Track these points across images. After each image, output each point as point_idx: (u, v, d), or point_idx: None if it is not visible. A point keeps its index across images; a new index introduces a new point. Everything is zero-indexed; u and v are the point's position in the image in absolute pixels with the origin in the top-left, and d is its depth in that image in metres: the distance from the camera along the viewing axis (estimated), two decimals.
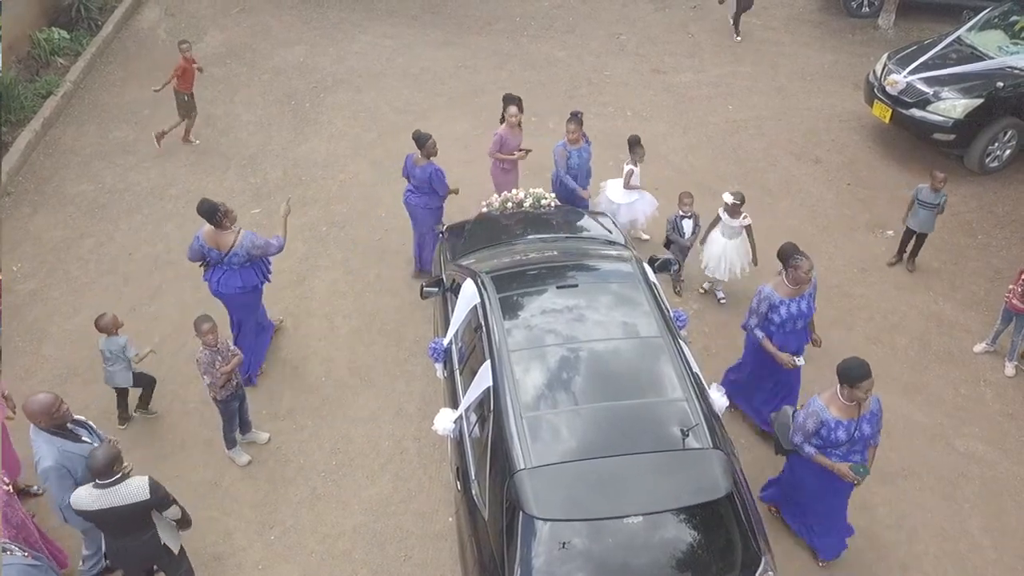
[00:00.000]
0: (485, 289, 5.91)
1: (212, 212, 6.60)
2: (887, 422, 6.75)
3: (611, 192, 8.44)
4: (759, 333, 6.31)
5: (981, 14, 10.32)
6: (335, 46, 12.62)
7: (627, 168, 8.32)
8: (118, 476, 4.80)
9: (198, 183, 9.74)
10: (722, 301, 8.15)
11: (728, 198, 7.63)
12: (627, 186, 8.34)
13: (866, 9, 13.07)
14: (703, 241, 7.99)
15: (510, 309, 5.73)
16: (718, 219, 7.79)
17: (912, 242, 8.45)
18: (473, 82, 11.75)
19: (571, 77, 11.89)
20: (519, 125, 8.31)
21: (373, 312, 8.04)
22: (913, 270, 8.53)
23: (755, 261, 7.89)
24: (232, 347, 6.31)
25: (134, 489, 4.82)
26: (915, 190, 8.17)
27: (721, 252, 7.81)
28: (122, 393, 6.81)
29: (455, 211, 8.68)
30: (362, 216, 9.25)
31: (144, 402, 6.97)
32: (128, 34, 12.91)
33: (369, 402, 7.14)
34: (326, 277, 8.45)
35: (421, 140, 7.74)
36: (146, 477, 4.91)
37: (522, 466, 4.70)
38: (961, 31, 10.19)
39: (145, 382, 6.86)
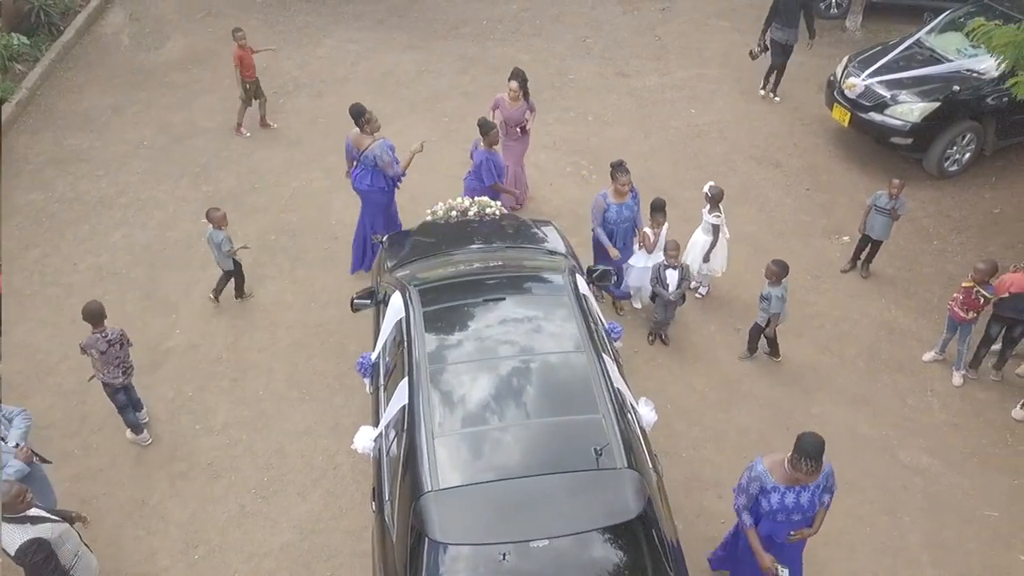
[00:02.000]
0: (411, 302, 5.80)
1: (358, 115, 7.85)
2: (833, 436, 6.66)
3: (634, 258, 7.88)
4: (747, 520, 5.08)
5: (941, 16, 10.20)
6: (299, 50, 12.50)
7: (647, 231, 7.83)
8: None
9: (149, 192, 9.63)
10: (698, 296, 8.23)
11: (706, 188, 7.72)
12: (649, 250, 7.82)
13: (834, 11, 12.94)
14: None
15: (433, 323, 5.62)
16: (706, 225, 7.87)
17: (867, 250, 8.34)
18: (436, 87, 11.64)
19: (534, 81, 11.62)
20: (523, 99, 8.76)
21: (317, 324, 7.93)
22: (867, 276, 8.43)
23: (706, 258, 7.90)
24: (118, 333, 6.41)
25: (5, 539, 4.71)
26: (872, 196, 8.07)
27: (698, 246, 7.89)
28: (225, 276, 7.94)
29: (407, 218, 8.58)
30: (312, 225, 9.14)
31: (239, 291, 8.08)
32: (90, 39, 12.80)
33: (306, 416, 7.04)
34: (272, 287, 8.35)
35: (486, 128, 8.18)
36: (27, 538, 4.73)
37: (428, 488, 4.59)
38: (921, 33, 10.08)
39: (238, 273, 7.96)
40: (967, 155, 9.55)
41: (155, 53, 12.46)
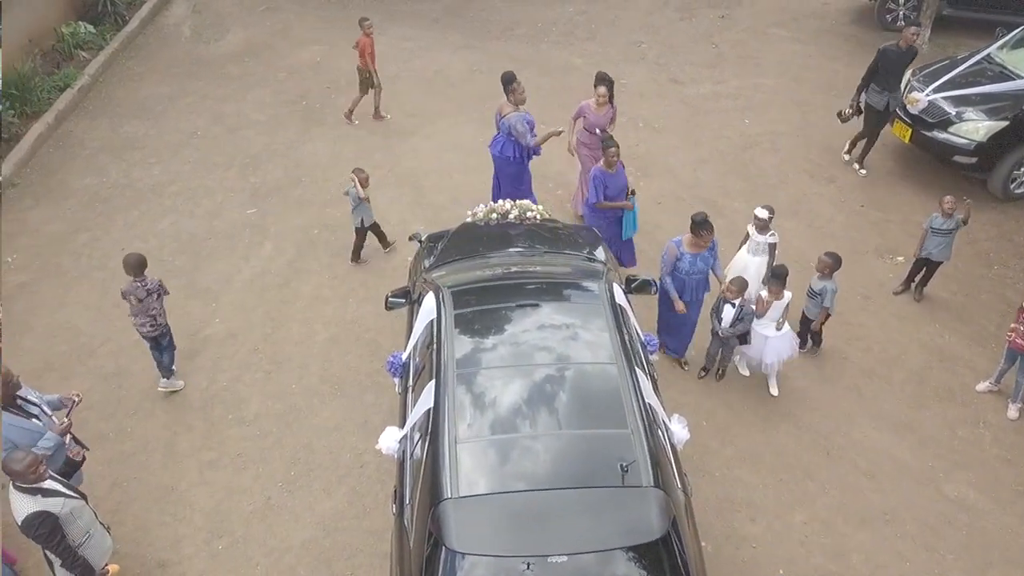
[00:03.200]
0: (443, 304, 5.73)
1: (507, 83, 8.34)
2: (874, 463, 6.41)
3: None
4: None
5: (1015, 31, 9.77)
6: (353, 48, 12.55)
7: (763, 295, 7.09)
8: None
9: (199, 181, 9.77)
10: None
11: (762, 213, 7.27)
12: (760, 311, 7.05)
13: (901, 23, 12.54)
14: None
15: (464, 326, 5.54)
16: (747, 236, 7.48)
17: (922, 272, 8.02)
18: (485, 87, 11.57)
19: (585, 85, 11.54)
20: (609, 103, 8.59)
21: (353, 320, 7.93)
22: (920, 299, 8.10)
23: (765, 280, 7.31)
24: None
25: (15, 507, 4.76)
26: (928, 219, 7.75)
27: (743, 268, 7.43)
28: (362, 232, 8.39)
29: (449, 218, 8.55)
30: None
31: (383, 242, 8.61)
32: (153, 30, 13.09)
33: (336, 412, 7.02)
34: (311, 281, 8.37)
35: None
36: (34, 509, 4.76)
37: (448, 495, 4.51)
38: (992, 48, 9.67)
39: (376, 228, 8.46)
40: None
41: (214, 45, 12.68)
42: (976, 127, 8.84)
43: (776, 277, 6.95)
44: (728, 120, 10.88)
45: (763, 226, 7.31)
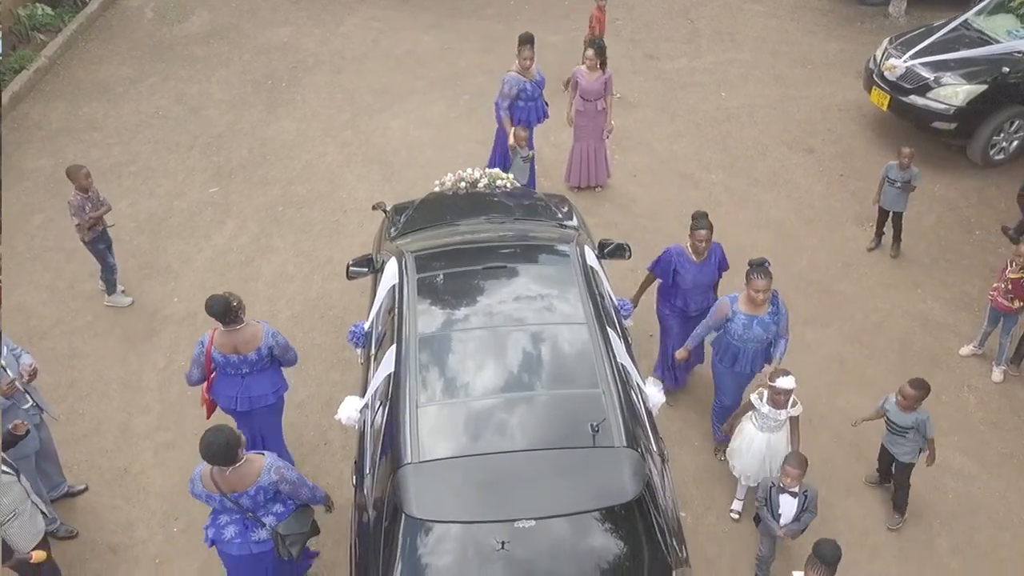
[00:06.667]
0: (406, 268, 5.47)
1: (520, 42, 8.07)
2: (857, 430, 6.19)
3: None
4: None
5: None
6: (321, 27, 12.26)
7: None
8: None
9: (160, 161, 9.44)
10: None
11: (785, 382, 5.16)
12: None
13: None
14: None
15: (427, 290, 5.28)
16: (749, 405, 5.51)
17: (889, 223, 7.88)
18: (456, 65, 11.32)
19: (560, 62, 11.33)
20: (599, 68, 8.33)
21: (318, 297, 7.64)
22: (896, 256, 7.95)
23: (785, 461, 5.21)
24: (103, 198, 7.03)
25: None
26: (884, 168, 7.62)
27: (747, 446, 5.46)
28: None
29: (421, 194, 8.23)
30: (322, 197, 8.87)
31: None
32: (115, 12, 12.68)
33: (300, 390, 6.69)
34: (275, 259, 8.07)
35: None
36: None
37: (408, 460, 4.24)
38: (969, 14, 9.50)
39: None
40: (1015, 143, 8.97)
41: (178, 27, 12.31)
42: (955, 91, 8.67)
43: (792, 460, 5.01)
44: (704, 94, 10.67)
45: (778, 398, 5.27)
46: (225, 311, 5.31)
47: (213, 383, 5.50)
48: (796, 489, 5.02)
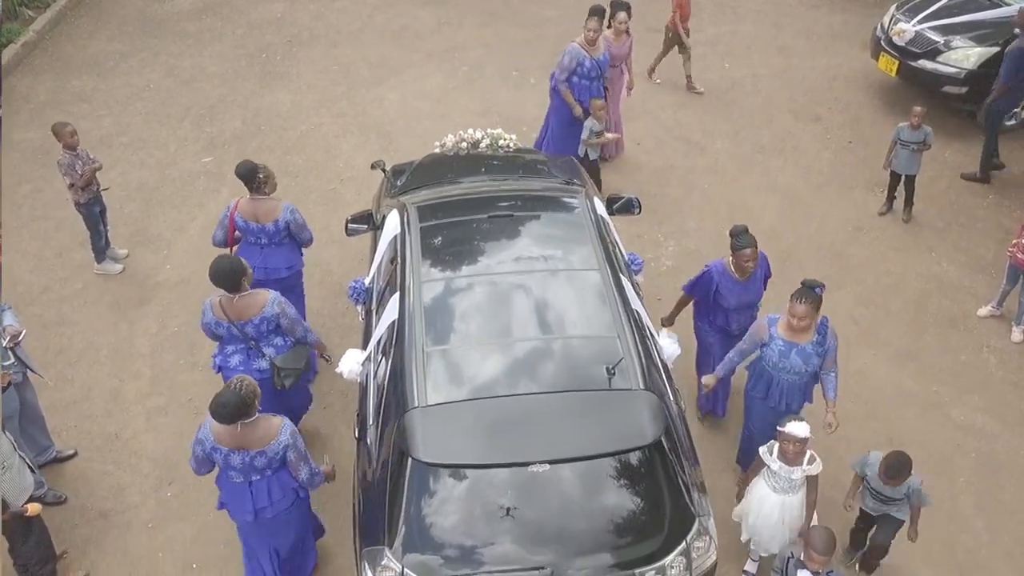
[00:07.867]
0: (407, 219, 5.24)
1: (590, 14, 7.62)
2: (875, 391, 5.99)
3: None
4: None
5: None
6: (316, 2, 12.01)
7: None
8: None
9: (151, 132, 9.20)
10: None
11: (799, 429, 4.43)
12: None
13: None
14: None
15: (431, 238, 5.06)
16: (758, 461, 4.76)
17: (901, 187, 7.70)
18: (454, 39, 11.09)
19: (559, 36, 11.10)
20: (627, 32, 8.09)
21: (316, 263, 7.36)
22: (908, 220, 7.76)
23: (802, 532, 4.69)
24: (93, 156, 6.90)
25: None
26: (895, 130, 7.45)
27: (771, 515, 4.67)
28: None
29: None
30: (318, 167, 8.65)
31: None
32: None
33: None
34: None
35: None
36: None
37: (415, 404, 4.01)
38: None
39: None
40: None
41: (168, 3, 12.05)
42: (966, 54, 8.50)
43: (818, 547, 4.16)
44: (708, 64, 10.46)
45: (794, 453, 4.51)
46: (250, 176, 5.66)
47: (236, 253, 5.81)
48: (820, 568, 4.23)
